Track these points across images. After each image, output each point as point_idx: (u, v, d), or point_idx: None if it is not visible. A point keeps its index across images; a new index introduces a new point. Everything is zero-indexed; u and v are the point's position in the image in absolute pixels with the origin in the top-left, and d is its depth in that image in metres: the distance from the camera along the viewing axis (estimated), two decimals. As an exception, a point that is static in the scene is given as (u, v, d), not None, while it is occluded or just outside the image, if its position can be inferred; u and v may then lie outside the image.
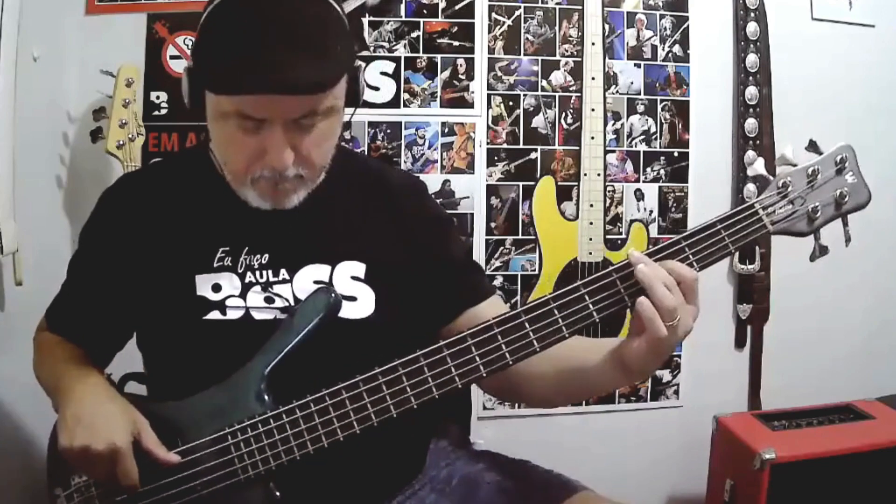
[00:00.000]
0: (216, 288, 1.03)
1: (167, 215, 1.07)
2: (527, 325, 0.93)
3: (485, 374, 0.94)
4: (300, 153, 0.98)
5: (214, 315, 1.02)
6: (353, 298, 1.05)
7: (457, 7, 2.05)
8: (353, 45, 1.02)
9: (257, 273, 1.04)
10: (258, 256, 1.05)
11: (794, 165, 0.97)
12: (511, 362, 0.93)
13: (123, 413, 0.97)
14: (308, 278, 1.05)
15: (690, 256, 0.94)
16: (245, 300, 1.03)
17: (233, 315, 1.02)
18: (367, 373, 0.94)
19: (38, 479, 1.45)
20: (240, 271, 1.04)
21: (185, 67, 1.00)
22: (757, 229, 0.95)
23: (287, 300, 1.03)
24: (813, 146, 0.97)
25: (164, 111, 1.94)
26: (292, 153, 0.97)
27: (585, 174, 2.12)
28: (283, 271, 1.05)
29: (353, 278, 1.07)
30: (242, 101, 0.93)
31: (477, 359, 0.94)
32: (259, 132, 0.95)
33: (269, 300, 1.03)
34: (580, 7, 2.09)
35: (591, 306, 0.93)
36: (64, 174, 1.88)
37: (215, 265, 1.04)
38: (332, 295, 1.01)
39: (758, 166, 0.99)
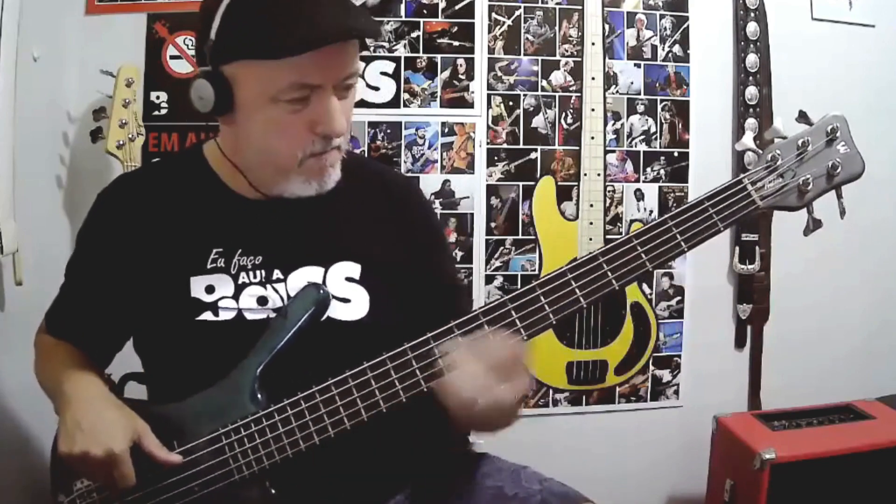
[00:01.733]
0: (209, 289, 1.03)
1: (162, 216, 1.07)
2: (513, 312, 0.93)
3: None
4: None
5: (207, 316, 1.02)
6: (346, 300, 1.05)
7: (457, 7, 2.05)
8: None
9: (250, 274, 1.04)
10: (251, 258, 1.05)
11: (785, 138, 0.94)
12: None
13: (122, 418, 0.98)
14: (302, 280, 1.05)
15: (678, 235, 0.92)
16: (238, 301, 1.03)
17: (225, 316, 1.02)
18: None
19: (38, 479, 1.46)
20: (233, 272, 1.04)
21: (203, 72, 0.98)
22: (746, 205, 0.93)
23: (281, 301, 1.03)
24: (803, 117, 0.95)
25: (164, 111, 1.94)
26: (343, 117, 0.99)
27: (585, 174, 2.12)
28: (276, 272, 1.05)
29: (348, 279, 1.07)
30: (301, 68, 0.93)
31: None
32: (307, 105, 0.97)
33: (261, 301, 1.03)
34: (580, 7, 2.09)
35: (577, 291, 0.92)
36: (64, 174, 1.89)
37: (209, 266, 1.04)
38: (321, 291, 1.01)
39: (746, 140, 0.97)
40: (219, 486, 0.97)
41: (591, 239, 2.12)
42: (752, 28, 2.15)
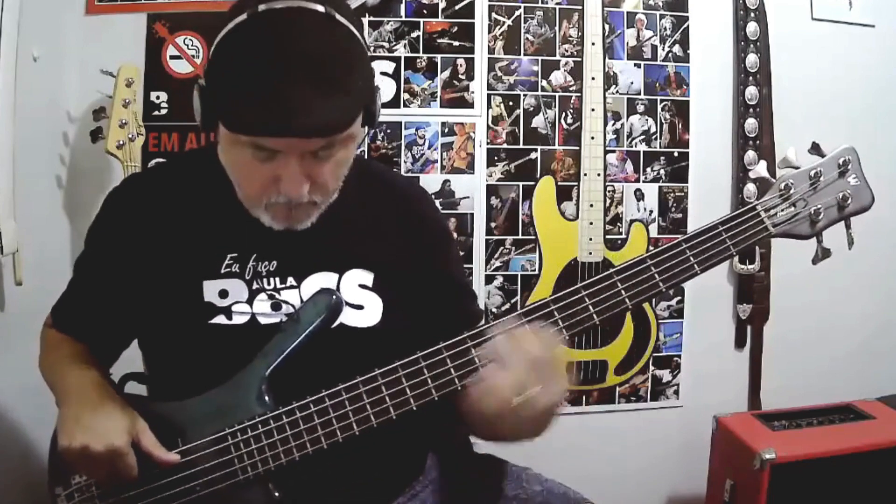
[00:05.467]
0: (223, 294, 1.03)
1: (175, 218, 1.07)
2: (526, 327, 0.93)
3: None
4: (316, 182, 0.97)
5: (220, 319, 1.02)
6: (359, 307, 1.05)
7: (457, 7, 2.05)
8: (372, 73, 1.01)
9: (265, 280, 1.04)
10: (266, 263, 1.04)
11: (797, 168, 0.96)
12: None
13: (123, 414, 0.98)
14: (316, 286, 1.04)
15: (692, 258, 0.94)
16: (251, 306, 1.03)
17: (238, 320, 1.02)
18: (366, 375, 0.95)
19: (38, 479, 1.45)
20: (247, 278, 1.04)
21: (197, 85, 0.97)
22: (758, 231, 0.95)
23: (294, 307, 1.03)
24: (816, 148, 0.97)
25: (164, 111, 1.94)
26: (307, 183, 0.96)
27: (585, 174, 2.12)
28: (290, 279, 1.05)
29: (361, 286, 1.06)
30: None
31: (477, 360, 0.94)
32: (273, 160, 0.94)
33: (275, 307, 1.03)
34: (580, 7, 2.09)
35: (591, 308, 0.93)
36: (64, 174, 1.88)
37: (223, 271, 1.04)
38: (334, 297, 1.01)
39: (760, 169, 0.99)
40: (222, 486, 0.96)
41: (591, 239, 2.12)
42: (752, 28, 2.15)
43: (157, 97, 1.94)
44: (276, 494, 0.97)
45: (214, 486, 0.97)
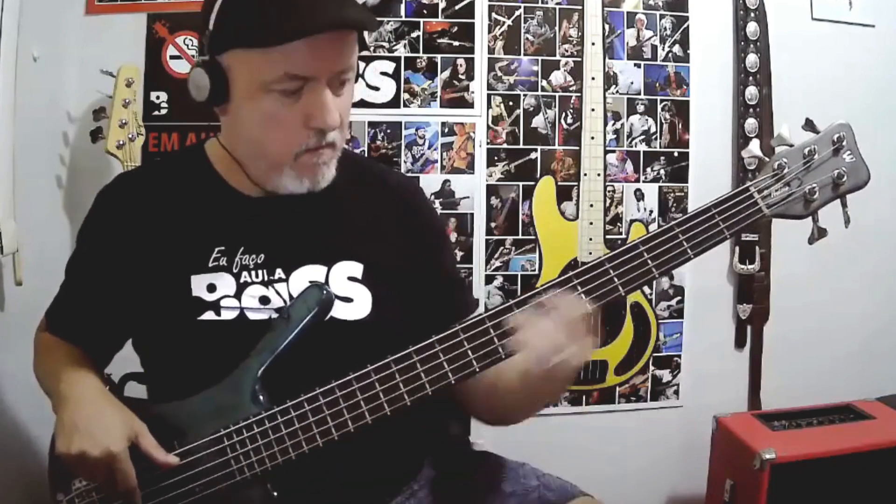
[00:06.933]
0: (211, 288, 1.03)
1: (164, 214, 1.07)
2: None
3: (478, 370, 0.93)
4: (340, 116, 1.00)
5: (209, 315, 1.02)
6: (349, 299, 1.05)
7: (457, 7, 2.05)
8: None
9: (252, 273, 1.04)
10: (254, 256, 1.05)
11: (791, 145, 0.94)
12: (504, 356, 0.93)
13: (120, 418, 0.97)
14: (304, 278, 1.04)
15: (684, 243, 0.92)
16: (240, 300, 1.03)
17: (227, 315, 1.02)
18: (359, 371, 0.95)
19: (38, 479, 1.45)
20: (235, 271, 1.04)
21: (201, 61, 0.99)
22: (752, 213, 0.93)
23: (283, 300, 1.03)
24: (809, 125, 0.95)
25: (163, 111, 1.94)
26: (337, 112, 0.99)
27: (585, 174, 2.12)
28: (278, 271, 1.05)
29: (350, 279, 1.06)
30: (293, 58, 0.93)
31: (469, 353, 0.93)
32: (301, 98, 0.96)
33: (264, 300, 1.03)
34: (580, 7, 2.09)
35: (583, 297, 0.92)
36: (64, 174, 1.89)
37: (210, 265, 1.04)
38: (324, 291, 1.01)
39: (753, 147, 0.97)
40: (220, 486, 0.96)
41: (591, 239, 2.12)
42: (752, 28, 2.15)
43: (157, 97, 1.94)
44: (275, 494, 0.97)
45: (213, 487, 0.96)
